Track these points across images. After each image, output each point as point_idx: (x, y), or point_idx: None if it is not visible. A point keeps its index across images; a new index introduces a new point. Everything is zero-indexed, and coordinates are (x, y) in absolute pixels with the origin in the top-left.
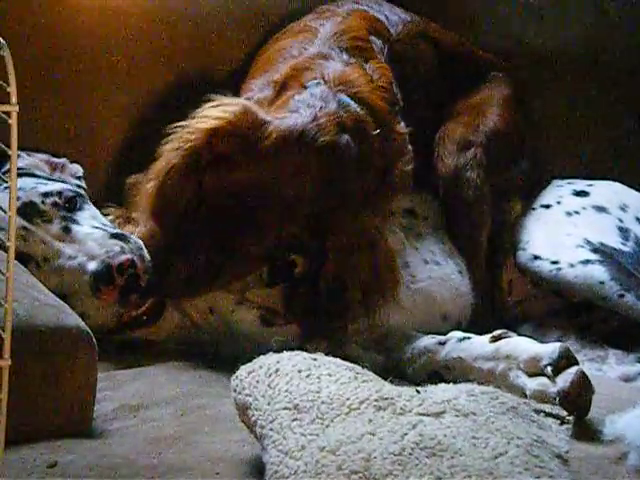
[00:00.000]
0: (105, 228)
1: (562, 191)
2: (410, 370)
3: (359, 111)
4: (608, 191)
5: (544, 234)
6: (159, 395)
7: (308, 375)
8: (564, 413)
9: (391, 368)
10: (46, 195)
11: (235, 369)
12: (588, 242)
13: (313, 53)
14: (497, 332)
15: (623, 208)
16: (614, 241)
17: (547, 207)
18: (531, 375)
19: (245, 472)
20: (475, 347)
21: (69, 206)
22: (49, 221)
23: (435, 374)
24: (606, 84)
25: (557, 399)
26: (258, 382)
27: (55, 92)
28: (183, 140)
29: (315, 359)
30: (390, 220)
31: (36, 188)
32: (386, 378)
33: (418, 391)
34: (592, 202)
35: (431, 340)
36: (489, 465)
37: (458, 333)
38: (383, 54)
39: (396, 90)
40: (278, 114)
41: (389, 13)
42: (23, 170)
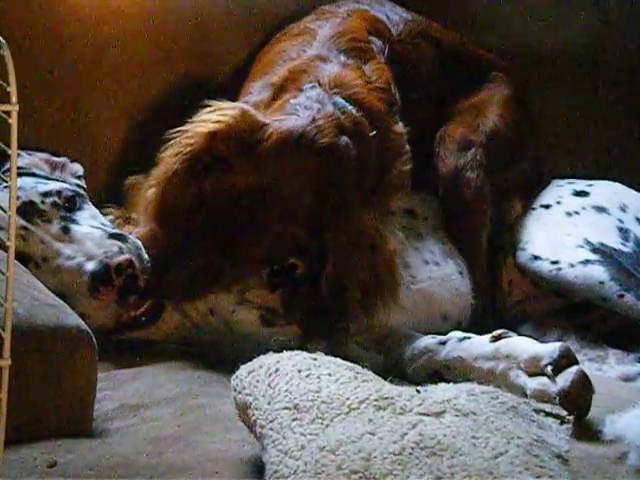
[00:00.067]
0: (104, 228)
1: (562, 191)
2: (410, 370)
3: (355, 113)
4: (608, 191)
5: (544, 234)
6: (159, 395)
7: (308, 375)
8: (564, 413)
9: (391, 368)
10: (45, 195)
11: (235, 369)
12: (588, 242)
13: (311, 56)
14: (497, 332)
15: (623, 208)
16: (614, 241)
17: (547, 207)
18: (531, 375)
19: (245, 472)
20: (475, 347)
21: (68, 206)
22: (48, 221)
23: (435, 374)
24: (606, 84)
25: (557, 399)
26: (258, 382)
27: (55, 92)
28: (183, 145)
29: (315, 359)
30: (390, 220)
31: (36, 187)
32: (386, 378)
33: (418, 391)
34: (592, 202)
35: (431, 340)
36: (489, 465)
37: (458, 333)
38: (383, 54)
39: (394, 91)
40: (275, 117)
41: (390, 13)
42: (23, 169)
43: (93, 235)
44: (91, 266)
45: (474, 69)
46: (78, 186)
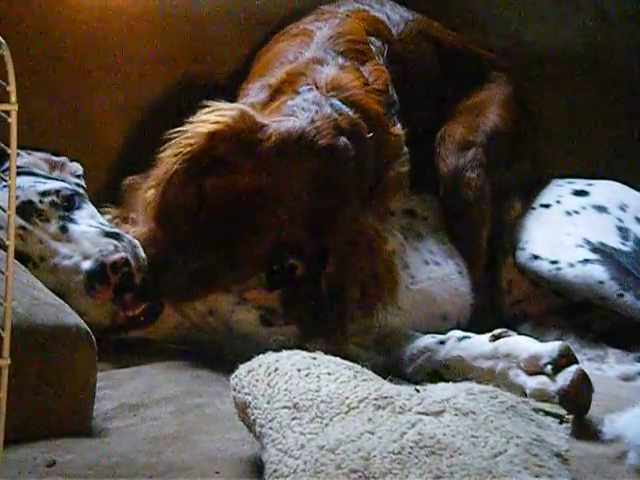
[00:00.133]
0: (101, 227)
1: (562, 191)
2: (410, 369)
3: (352, 115)
4: (608, 191)
5: (544, 234)
6: (158, 394)
7: (307, 374)
8: (563, 412)
9: (391, 367)
10: (44, 194)
11: (234, 368)
12: (588, 242)
13: (308, 58)
14: (497, 331)
15: (623, 208)
16: (614, 241)
17: (547, 207)
18: (531, 374)
19: (244, 471)
20: (475, 346)
21: (67, 205)
22: (47, 220)
23: (435, 373)
24: (606, 84)
25: (557, 398)
26: (257, 381)
27: (55, 92)
28: (182, 145)
29: (314, 358)
30: (390, 221)
31: (34, 187)
32: (385, 377)
33: (417, 390)
34: (592, 202)
35: (431, 339)
36: (488, 464)
37: (458, 332)
38: (383, 55)
39: (392, 92)
40: (273, 118)
41: (391, 12)
42: (22, 169)
43: (90, 234)
44: (87, 265)
45: (474, 69)
46: (78, 185)
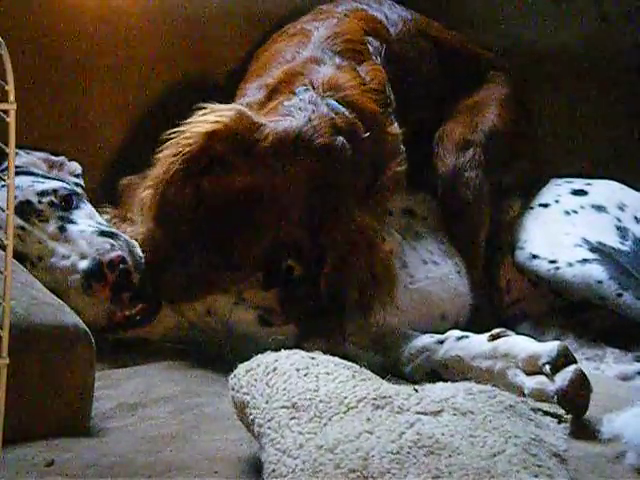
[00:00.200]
0: (98, 226)
1: (560, 190)
2: (408, 369)
3: (348, 114)
4: (606, 190)
5: (542, 233)
6: (157, 393)
7: (306, 374)
8: (562, 412)
9: (389, 367)
10: (42, 194)
11: (233, 368)
12: (586, 241)
13: (306, 57)
14: (495, 331)
15: (621, 207)
16: (612, 240)
17: (545, 206)
18: (529, 374)
19: (243, 471)
20: (473, 346)
21: (65, 205)
22: (46, 220)
23: (433, 373)
24: (606, 84)
25: (555, 398)
26: (256, 380)
27: (54, 91)
28: (180, 146)
29: (313, 358)
30: (388, 220)
31: (33, 187)
32: (384, 377)
33: (416, 390)
34: (590, 201)
35: (429, 339)
36: (487, 464)
37: (456, 332)
38: (380, 54)
39: (389, 92)
40: (270, 118)
41: (389, 12)
42: (20, 168)
43: (87, 234)
44: (84, 264)
45: (473, 68)
46: (76, 185)
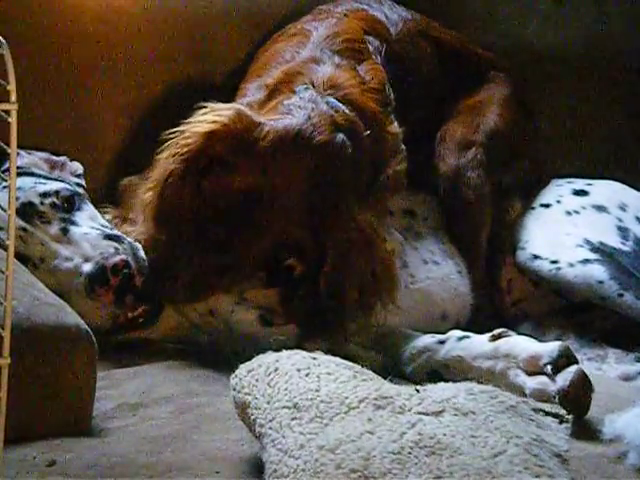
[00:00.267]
0: (101, 229)
1: (562, 190)
2: (409, 369)
3: (348, 112)
4: (608, 190)
5: (544, 233)
6: (158, 394)
7: (307, 374)
8: (563, 412)
9: (390, 367)
10: (44, 195)
11: (234, 368)
12: (588, 242)
13: (305, 57)
14: (497, 331)
15: (623, 207)
16: (614, 240)
17: (547, 206)
18: (530, 374)
19: (244, 471)
20: (474, 346)
21: (67, 206)
22: (48, 222)
23: (434, 373)
24: (606, 84)
25: (557, 398)
26: (257, 381)
27: (55, 91)
28: (180, 146)
29: (314, 358)
30: (389, 220)
31: (35, 188)
32: (385, 377)
33: (417, 390)
34: (592, 201)
35: (430, 339)
36: (488, 464)
37: (457, 332)
38: (380, 54)
39: (389, 91)
40: (270, 117)
41: (389, 11)
42: (22, 169)
43: (91, 236)
44: (88, 267)
45: (474, 68)
46: (78, 185)
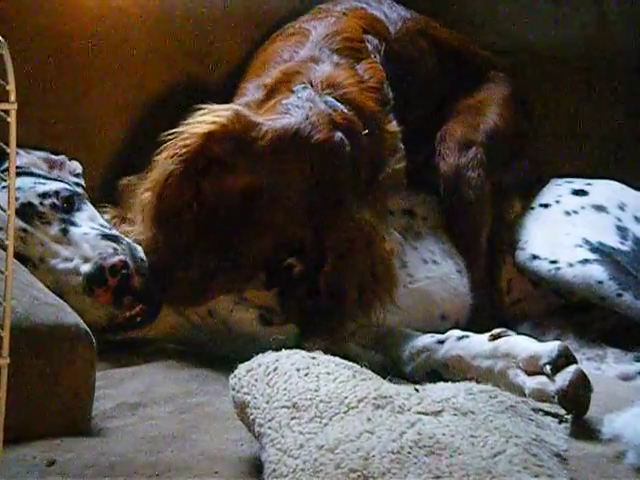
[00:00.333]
0: (100, 229)
1: (561, 190)
2: (409, 368)
3: (346, 111)
4: (607, 190)
5: (543, 233)
6: (157, 393)
7: (307, 374)
8: (563, 412)
9: (390, 366)
10: (44, 196)
11: (234, 367)
12: (587, 241)
13: (304, 56)
14: (496, 331)
15: (622, 207)
16: (613, 240)
17: (546, 206)
18: (530, 374)
19: (243, 471)
20: (474, 345)
21: (67, 207)
22: (48, 222)
23: (434, 372)
24: (606, 84)
25: (556, 398)
26: (257, 380)
27: (54, 91)
28: (178, 147)
29: (314, 357)
30: (389, 220)
31: (34, 188)
32: (385, 377)
33: (417, 389)
34: (591, 201)
35: (430, 339)
36: (487, 464)
37: (457, 331)
38: (379, 53)
39: (388, 90)
40: (268, 117)
41: (388, 10)
42: (21, 169)
43: (90, 237)
44: (86, 268)
45: (473, 68)
46: (77, 184)
